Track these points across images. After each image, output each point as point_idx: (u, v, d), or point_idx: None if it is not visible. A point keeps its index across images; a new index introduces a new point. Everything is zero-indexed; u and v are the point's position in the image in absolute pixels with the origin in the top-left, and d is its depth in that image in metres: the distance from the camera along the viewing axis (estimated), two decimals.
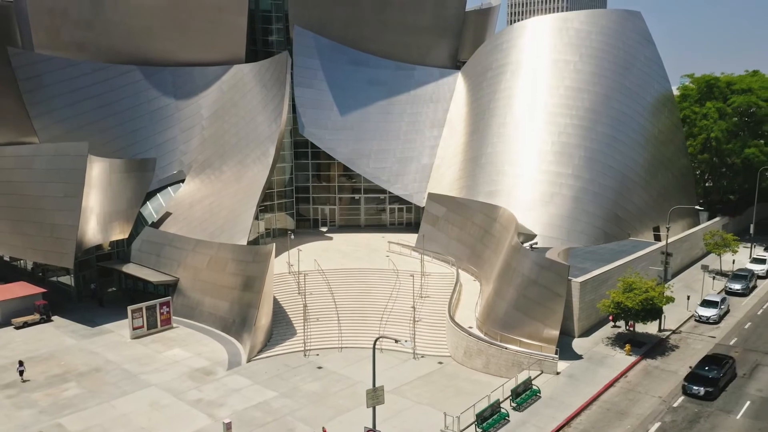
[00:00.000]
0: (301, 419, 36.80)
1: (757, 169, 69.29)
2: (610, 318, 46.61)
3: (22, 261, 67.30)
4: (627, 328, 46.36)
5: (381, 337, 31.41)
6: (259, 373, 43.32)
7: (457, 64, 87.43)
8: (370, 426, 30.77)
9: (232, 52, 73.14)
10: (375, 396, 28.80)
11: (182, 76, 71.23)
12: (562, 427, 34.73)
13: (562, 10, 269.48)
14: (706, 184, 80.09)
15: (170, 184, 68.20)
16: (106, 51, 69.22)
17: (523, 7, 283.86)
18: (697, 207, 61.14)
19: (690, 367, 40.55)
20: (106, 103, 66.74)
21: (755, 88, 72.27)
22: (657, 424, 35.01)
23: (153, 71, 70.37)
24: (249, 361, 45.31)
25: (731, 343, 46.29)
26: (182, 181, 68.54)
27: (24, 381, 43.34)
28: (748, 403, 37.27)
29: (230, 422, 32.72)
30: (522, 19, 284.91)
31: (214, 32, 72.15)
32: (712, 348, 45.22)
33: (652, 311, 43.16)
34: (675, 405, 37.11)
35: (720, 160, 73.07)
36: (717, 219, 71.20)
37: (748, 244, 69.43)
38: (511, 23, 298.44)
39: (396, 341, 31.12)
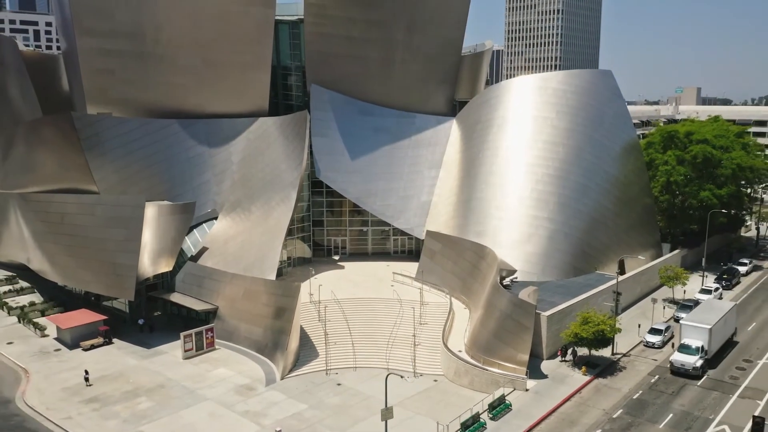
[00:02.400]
0: (327, 427, 47.96)
1: (711, 209, 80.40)
2: (558, 352, 57.54)
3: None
4: (574, 360, 56.89)
5: (390, 373, 42.91)
6: (291, 389, 54.34)
7: (453, 103, 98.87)
8: None
9: (257, 104, 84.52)
10: (387, 413, 40.44)
11: (214, 126, 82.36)
12: None
13: (558, 28, 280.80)
14: (674, 212, 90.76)
15: (205, 221, 79.30)
16: (148, 105, 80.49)
17: (519, 17, 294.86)
18: (641, 257, 72.11)
19: None
20: (151, 153, 77.89)
21: (710, 138, 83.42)
22: (598, 431, 46.20)
23: (189, 123, 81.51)
24: (282, 378, 56.31)
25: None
26: (215, 218, 79.74)
27: (88, 385, 55.14)
28: (671, 415, 48.45)
29: (281, 430, 43.97)
30: (518, 35, 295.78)
31: (241, 87, 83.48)
32: (652, 369, 56.37)
33: (603, 340, 54.42)
34: (614, 416, 48.34)
35: (681, 200, 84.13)
36: (677, 251, 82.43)
37: (706, 274, 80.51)
38: (508, 35, 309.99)
39: (402, 377, 42.91)
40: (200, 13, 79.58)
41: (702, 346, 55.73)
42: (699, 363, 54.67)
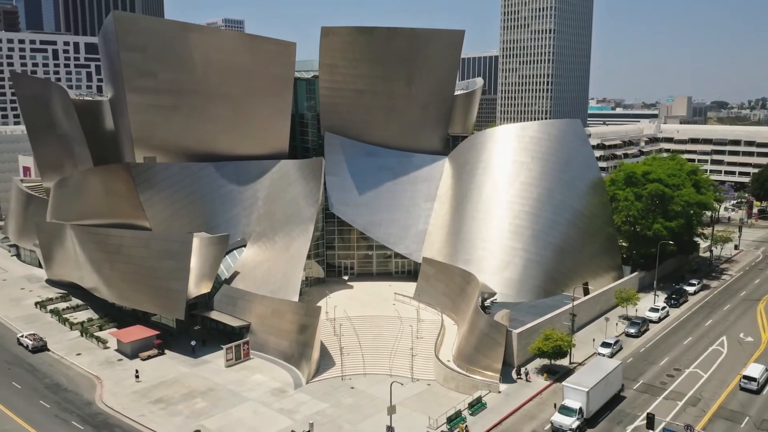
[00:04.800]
0: (345, 421, 62.40)
1: (662, 239, 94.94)
2: (514, 371, 71.50)
3: None
4: (527, 379, 70.02)
5: (393, 382, 57.64)
6: (315, 392, 68.71)
7: (447, 138, 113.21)
8: (388, 424, 56.78)
9: (279, 148, 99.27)
10: (392, 409, 55.39)
11: (242, 168, 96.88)
12: (495, 425, 60.55)
13: (550, 47, 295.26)
14: (636, 238, 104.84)
15: (235, 248, 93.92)
16: (186, 149, 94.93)
17: (513, 35, 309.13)
18: (591, 287, 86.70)
19: None
20: (191, 192, 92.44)
21: (664, 177, 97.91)
22: (550, 424, 60.79)
23: (221, 165, 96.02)
24: (307, 383, 70.65)
25: None
26: (244, 246, 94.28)
27: (138, 381, 70.02)
28: (608, 412, 62.95)
29: (312, 423, 58.64)
30: (512, 53, 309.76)
31: (265, 133, 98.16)
32: None
33: (560, 353, 69.05)
34: None
35: (640, 229, 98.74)
36: (635, 274, 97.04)
37: (658, 293, 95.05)
38: (503, 53, 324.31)
39: (402, 384, 57.67)
40: (230, 71, 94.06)
41: (580, 408, 58.56)
42: (575, 425, 57.40)
